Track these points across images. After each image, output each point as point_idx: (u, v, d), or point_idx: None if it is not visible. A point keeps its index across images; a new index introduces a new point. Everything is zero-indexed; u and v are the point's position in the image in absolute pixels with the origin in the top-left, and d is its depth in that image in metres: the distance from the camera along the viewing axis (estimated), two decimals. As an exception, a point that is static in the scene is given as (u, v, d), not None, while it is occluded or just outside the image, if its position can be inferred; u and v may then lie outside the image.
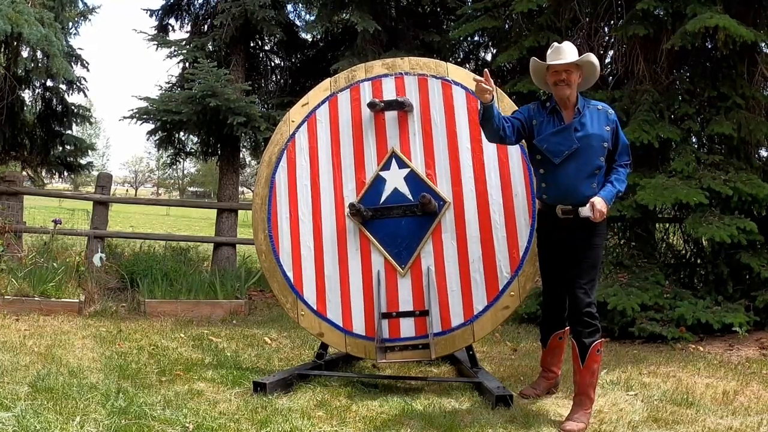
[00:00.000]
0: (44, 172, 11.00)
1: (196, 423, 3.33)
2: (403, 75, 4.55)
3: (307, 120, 4.66)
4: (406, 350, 4.22)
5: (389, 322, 4.26)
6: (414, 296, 4.27)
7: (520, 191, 4.24)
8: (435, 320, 4.19)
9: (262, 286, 7.73)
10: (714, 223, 5.69)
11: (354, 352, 4.37)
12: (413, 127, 4.46)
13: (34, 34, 6.97)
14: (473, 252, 4.24)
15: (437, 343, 4.16)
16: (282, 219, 4.56)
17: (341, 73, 4.78)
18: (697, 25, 5.63)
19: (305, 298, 4.44)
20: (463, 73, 4.54)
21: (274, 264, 4.53)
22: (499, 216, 4.25)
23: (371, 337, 4.25)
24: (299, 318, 4.45)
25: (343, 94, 4.63)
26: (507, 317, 4.27)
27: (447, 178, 4.36)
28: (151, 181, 63.73)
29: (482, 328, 4.20)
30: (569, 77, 3.70)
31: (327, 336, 4.39)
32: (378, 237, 4.36)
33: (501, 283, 4.19)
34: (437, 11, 9.45)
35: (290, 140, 4.67)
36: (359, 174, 4.48)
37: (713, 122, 6.12)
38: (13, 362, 4.27)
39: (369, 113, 4.52)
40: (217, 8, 8.74)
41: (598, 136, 3.68)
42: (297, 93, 8.34)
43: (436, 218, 4.30)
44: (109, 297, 6.71)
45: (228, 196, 8.99)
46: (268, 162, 4.69)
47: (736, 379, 4.59)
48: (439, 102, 4.46)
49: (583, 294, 3.62)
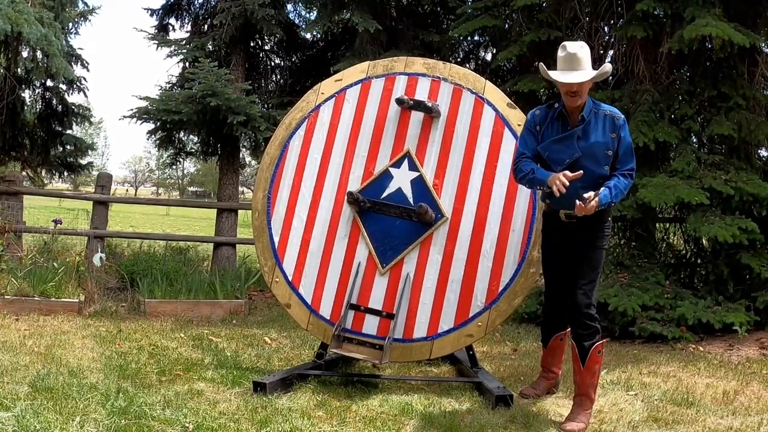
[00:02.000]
0: (44, 173, 11.00)
1: (196, 423, 3.33)
2: (440, 80, 4.50)
3: (336, 96, 4.63)
4: (362, 345, 4.20)
5: (355, 314, 4.27)
6: (386, 297, 4.26)
7: (518, 227, 4.20)
8: (399, 326, 4.17)
9: (262, 286, 7.72)
10: (715, 222, 5.69)
11: (313, 332, 4.40)
12: (434, 135, 4.42)
13: (33, 33, 6.97)
14: (455, 272, 4.21)
15: (394, 349, 4.15)
16: (284, 185, 4.56)
17: (381, 60, 4.75)
18: (693, 32, 5.63)
19: (283, 266, 4.45)
20: (498, 95, 4.46)
21: (264, 225, 4.54)
22: (490, 246, 4.21)
23: (334, 322, 4.26)
24: (272, 284, 4.47)
25: (378, 81, 4.60)
26: (468, 344, 4.24)
27: (452, 194, 4.32)
28: (151, 180, 63.75)
29: (441, 348, 4.20)
30: (581, 88, 3.54)
31: (293, 309, 4.40)
32: (369, 230, 4.35)
33: (472, 311, 4.16)
34: (437, 11, 9.44)
35: (314, 111, 4.64)
36: (369, 164, 4.46)
37: (713, 123, 6.12)
38: (12, 362, 4.27)
39: (396, 108, 4.49)
40: (217, 8, 8.73)
41: (602, 145, 3.58)
42: (297, 93, 8.34)
43: (429, 229, 4.28)
44: (109, 297, 6.70)
45: (228, 195, 8.99)
46: (287, 126, 4.67)
47: (737, 379, 4.59)
48: (467, 117, 4.41)
49: (582, 295, 3.60)
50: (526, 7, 7.01)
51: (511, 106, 4.40)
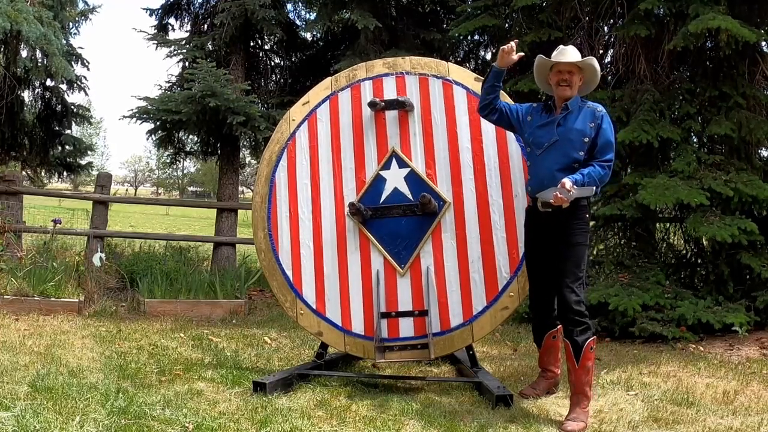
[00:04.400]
0: (44, 173, 11.00)
1: (195, 423, 3.33)
2: (404, 74, 4.54)
3: (308, 119, 4.66)
4: (405, 350, 4.21)
5: (388, 321, 4.25)
6: (413, 296, 4.26)
7: (520, 191, 4.23)
8: (434, 320, 4.18)
9: (262, 285, 7.72)
10: (715, 223, 5.68)
11: (353, 352, 4.36)
12: (414, 127, 4.46)
13: (33, 32, 6.96)
14: (473, 252, 4.24)
15: (436, 343, 4.15)
16: (282, 218, 4.56)
17: (342, 72, 4.77)
18: (699, 26, 5.62)
19: (304, 297, 4.43)
20: (464, 73, 4.54)
21: (273, 263, 4.53)
22: (498, 216, 4.25)
23: (370, 336, 4.24)
24: (298, 317, 4.44)
25: (344, 93, 4.62)
26: (506, 318, 4.26)
27: (447, 178, 4.35)
28: (150, 180, 63.73)
29: (481, 329, 4.20)
30: (571, 78, 3.79)
31: (326, 335, 4.38)
32: (378, 236, 4.36)
33: (500, 284, 4.19)
34: (437, 10, 9.44)
35: (291, 139, 4.66)
36: (359, 173, 4.47)
37: (713, 123, 6.11)
38: (12, 362, 4.27)
39: (370, 112, 4.51)
40: (217, 7, 8.72)
41: (579, 131, 3.76)
42: (297, 92, 8.33)
43: (435, 218, 4.30)
44: (109, 297, 6.70)
45: (228, 195, 8.98)
46: (268, 161, 4.68)
47: (737, 379, 4.59)
48: (440, 102, 4.46)
49: (569, 293, 3.64)
50: (526, 7, 7.00)
51: (479, 80, 4.40)
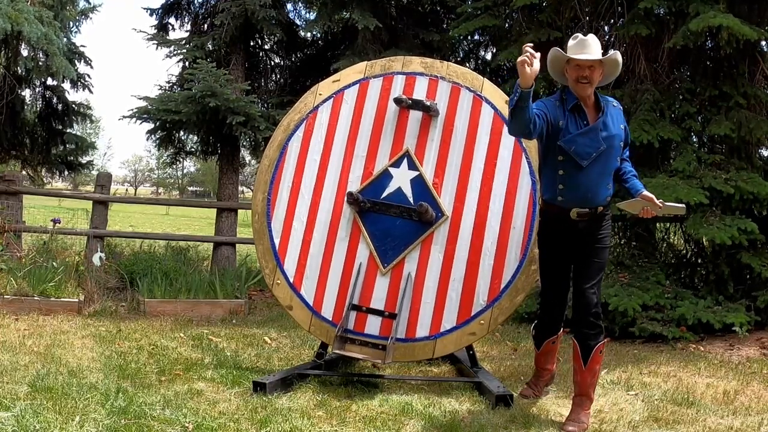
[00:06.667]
0: (44, 171, 11.01)
1: (195, 423, 3.33)
2: (438, 78, 4.49)
3: (334, 97, 4.63)
4: (365, 346, 4.19)
5: (357, 314, 4.26)
6: (388, 297, 4.25)
7: (519, 225, 4.18)
8: (401, 326, 4.17)
9: (262, 285, 7.72)
10: (715, 224, 5.68)
11: (315, 334, 4.40)
12: (433, 133, 4.41)
13: (33, 32, 6.96)
14: (457, 271, 4.20)
15: (396, 349, 4.13)
16: (284, 186, 4.56)
17: (378, 60, 4.74)
18: (700, 24, 5.61)
19: (284, 268, 4.44)
20: (496, 93, 4.45)
21: (264, 227, 4.54)
22: (491, 243, 4.20)
23: (336, 323, 4.25)
24: (274, 286, 4.46)
25: (376, 81, 4.59)
26: (471, 342, 4.23)
27: (452, 192, 4.31)
28: (150, 180, 63.72)
29: (444, 347, 4.18)
30: (592, 74, 3.49)
31: (295, 311, 4.40)
32: (370, 230, 4.35)
33: (474, 309, 4.15)
34: (437, 10, 9.44)
35: (312, 112, 4.64)
36: (369, 164, 4.46)
37: (713, 122, 6.11)
38: (12, 362, 4.27)
39: (395, 107, 4.48)
40: (217, 7, 8.72)
41: (618, 137, 3.58)
42: (297, 92, 8.32)
43: (430, 228, 4.27)
44: (109, 296, 6.69)
45: (228, 195, 8.98)
46: (285, 128, 4.67)
47: (737, 378, 4.59)
48: (466, 115, 4.40)
49: (592, 295, 3.57)
50: (526, 7, 7.00)
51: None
